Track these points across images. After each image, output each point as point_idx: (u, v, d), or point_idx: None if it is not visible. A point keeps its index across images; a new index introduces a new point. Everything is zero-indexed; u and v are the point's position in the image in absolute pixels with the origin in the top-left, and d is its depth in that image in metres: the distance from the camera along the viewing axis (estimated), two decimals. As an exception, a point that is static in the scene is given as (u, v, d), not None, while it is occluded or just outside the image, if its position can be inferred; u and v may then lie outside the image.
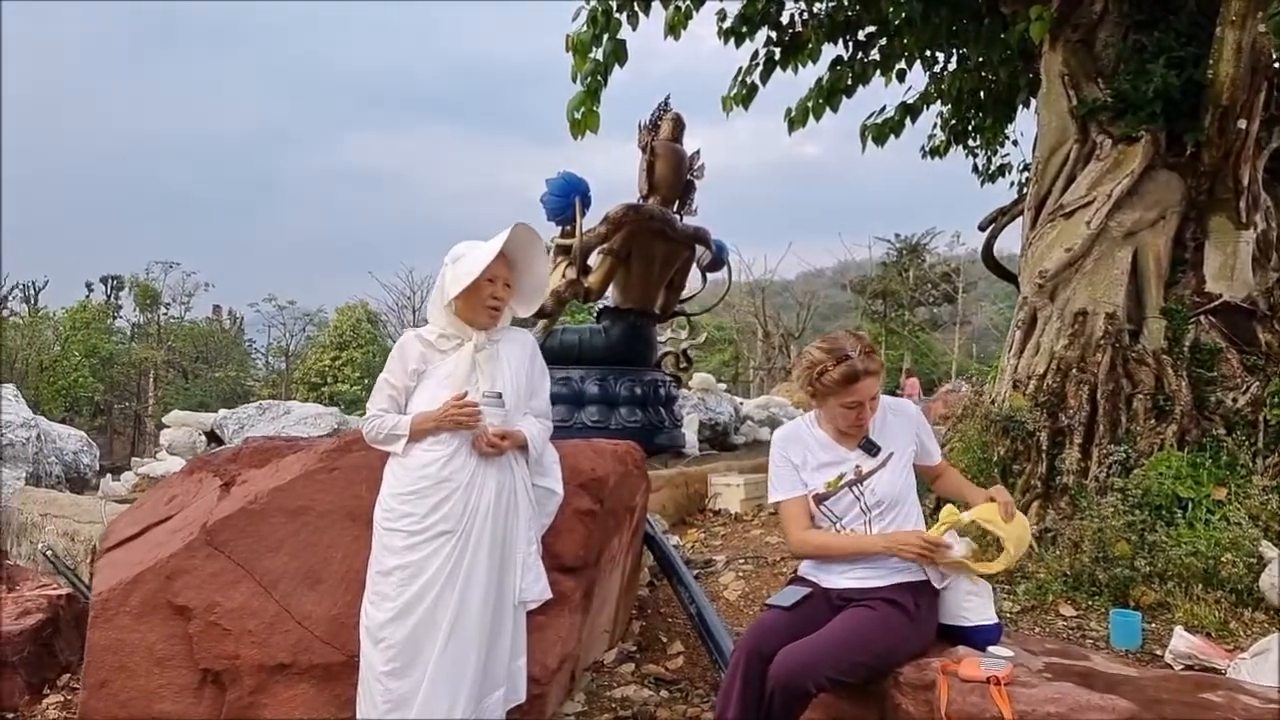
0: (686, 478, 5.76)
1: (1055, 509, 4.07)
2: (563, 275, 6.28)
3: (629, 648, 3.52)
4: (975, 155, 7.70)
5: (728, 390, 11.65)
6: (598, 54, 5.28)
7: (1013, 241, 5.76)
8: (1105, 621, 3.24)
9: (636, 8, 5.37)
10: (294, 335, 34.53)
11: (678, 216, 6.94)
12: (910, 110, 6.64)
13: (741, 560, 4.40)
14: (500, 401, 2.39)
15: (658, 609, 3.88)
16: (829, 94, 6.27)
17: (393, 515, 2.35)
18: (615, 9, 5.28)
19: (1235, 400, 4.19)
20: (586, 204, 6.27)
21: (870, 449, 2.52)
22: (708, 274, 7.75)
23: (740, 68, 6.25)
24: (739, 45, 6.09)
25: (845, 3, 6.05)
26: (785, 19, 6.13)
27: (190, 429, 7.22)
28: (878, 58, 6.35)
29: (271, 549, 2.62)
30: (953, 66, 6.71)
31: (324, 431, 6.96)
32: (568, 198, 6.20)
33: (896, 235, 30.90)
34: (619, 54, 5.32)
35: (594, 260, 6.54)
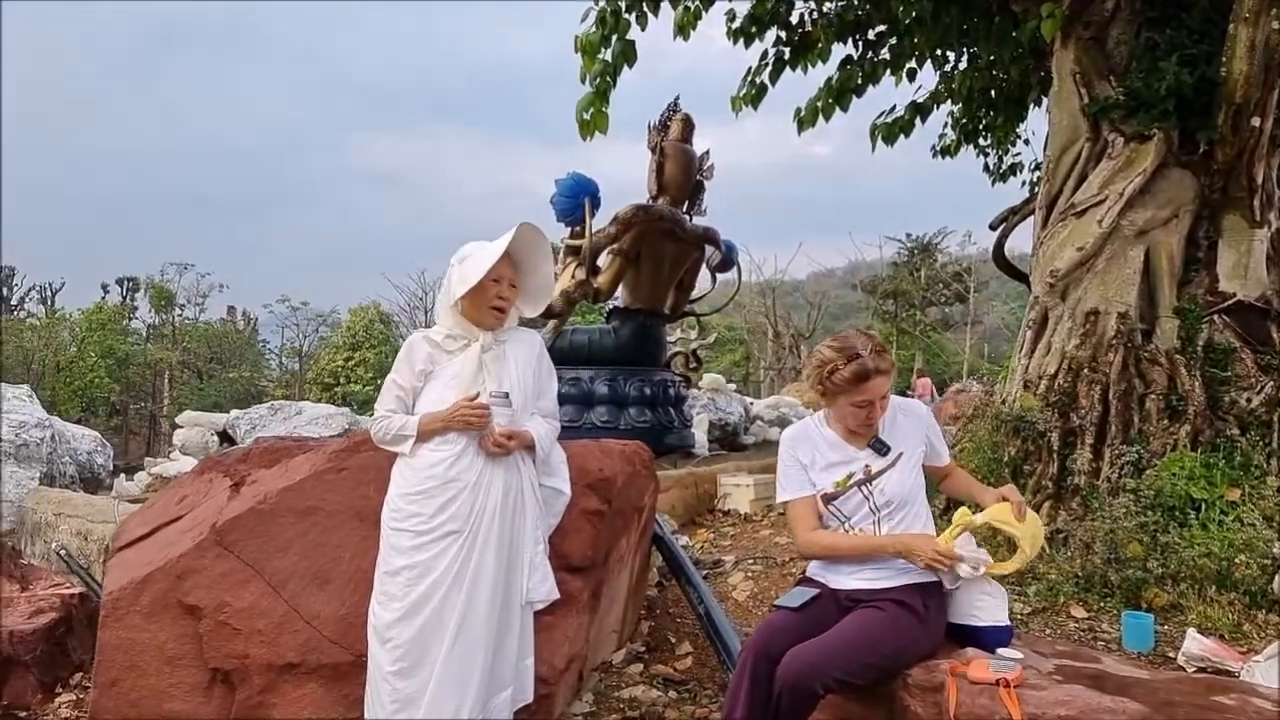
0: (696, 478, 5.76)
1: (1067, 510, 4.04)
2: (572, 276, 6.29)
3: (637, 648, 3.52)
4: (986, 155, 7.66)
5: (738, 390, 11.65)
6: (606, 55, 5.28)
7: (1024, 241, 5.73)
8: (1117, 623, 3.22)
9: (645, 8, 5.36)
10: (307, 336, 34.73)
11: (687, 217, 6.95)
12: (920, 109, 6.61)
13: (750, 560, 4.39)
14: (507, 401, 2.40)
15: (666, 609, 3.88)
16: (838, 94, 6.25)
17: (400, 515, 2.36)
18: (624, 10, 5.27)
19: (1249, 400, 4.15)
20: (596, 205, 6.27)
21: (880, 448, 2.51)
22: (717, 274, 7.75)
23: (750, 68, 6.25)
24: (748, 45, 6.07)
25: (855, 2, 6.03)
26: (795, 19, 6.11)
27: (203, 429, 7.28)
28: (888, 57, 6.32)
29: (281, 549, 2.63)
30: (963, 65, 6.67)
31: (335, 432, 6.99)
32: (577, 198, 6.21)
33: (908, 235, 30.79)
34: (628, 55, 5.31)
35: (603, 261, 6.55)
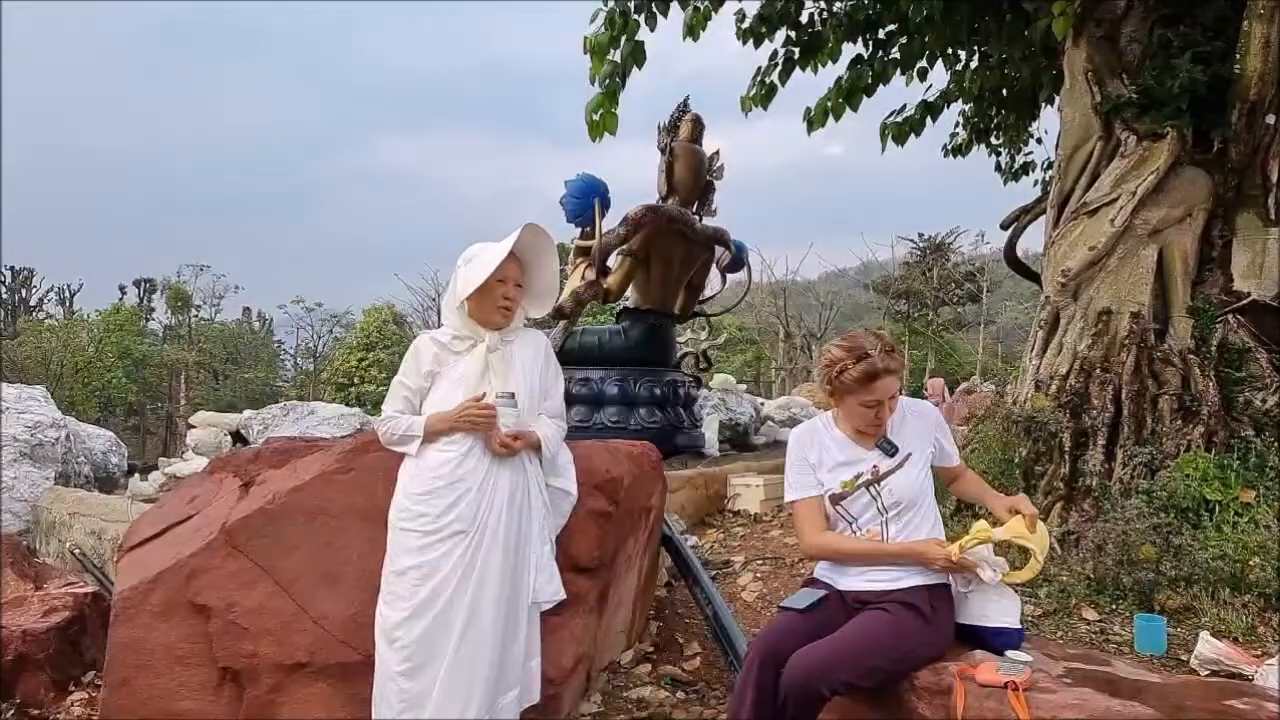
0: (706, 478, 5.75)
1: (1078, 511, 4.01)
2: (582, 276, 6.30)
3: (646, 648, 3.52)
4: (998, 154, 7.61)
5: (749, 391, 11.63)
6: (615, 56, 5.28)
7: (1036, 241, 5.68)
8: (1129, 626, 3.19)
9: (655, 9, 5.36)
10: (321, 336, 34.93)
11: (697, 217, 6.93)
12: (931, 109, 6.57)
13: (760, 561, 4.38)
14: (513, 402, 2.40)
15: (675, 610, 3.88)
16: (849, 93, 6.21)
17: (407, 515, 2.37)
18: (633, 10, 5.27)
19: (1264, 401, 4.10)
20: (606, 205, 6.27)
21: (888, 449, 2.50)
22: (727, 275, 7.73)
23: (759, 68, 6.23)
24: (758, 46, 6.05)
25: (865, 1, 6.00)
26: (804, 18, 6.08)
27: (216, 429, 7.32)
28: (898, 56, 6.28)
29: (289, 549, 2.65)
30: (974, 64, 6.63)
31: (348, 432, 7.02)
32: (587, 199, 6.21)
33: (920, 235, 30.61)
34: (637, 56, 5.31)
35: (613, 261, 6.54)
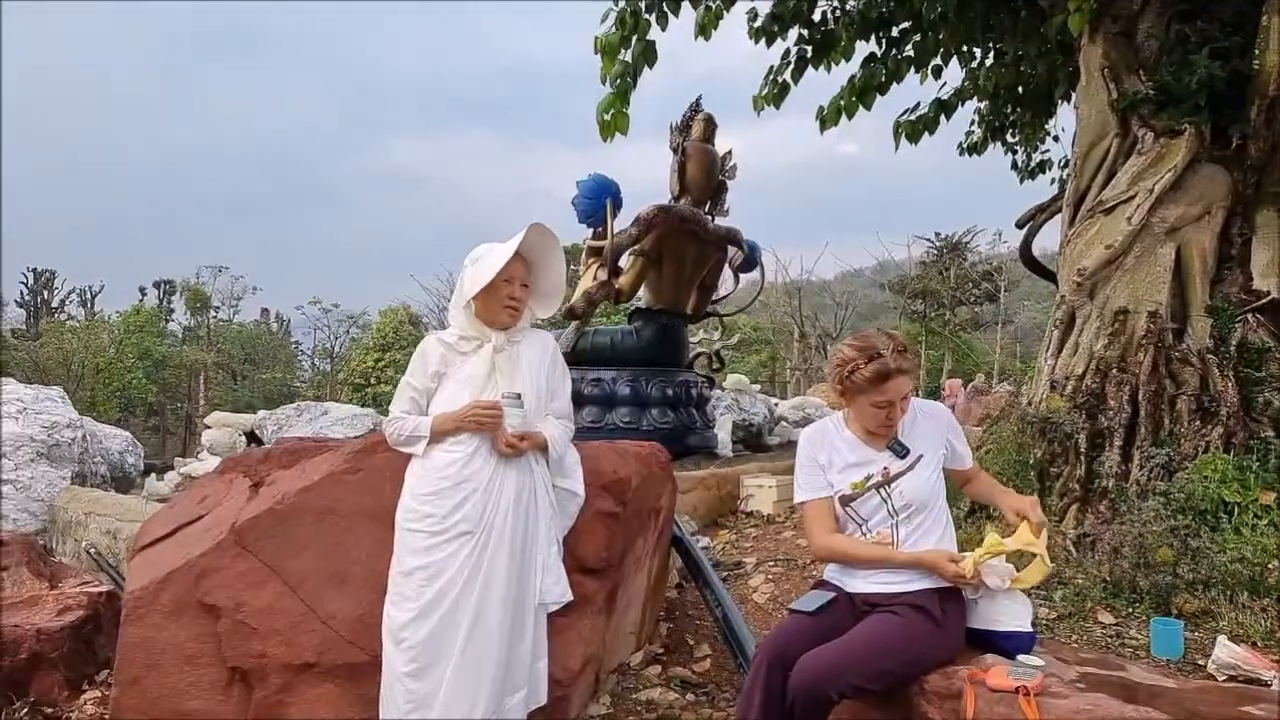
0: (719, 479, 5.73)
1: (1094, 513, 3.96)
2: (594, 277, 6.29)
3: (656, 650, 3.51)
4: (1014, 152, 7.53)
5: (764, 391, 11.59)
6: (626, 55, 5.26)
7: (1054, 239, 5.61)
8: (1145, 630, 3.15)
9: (666, 8, 5.34)
10: (338, 337, 35.17)
11: (709, 217, 6.92)
12: (944, 107, 6.51)
13: (772, 563, 4.36)
14: (519, 402, 2.40)
15: (686, 611, 3.86)
16: (861, 92, 6.17)
17: (414, 516, 2.37)
18: (644, 10, 5.26)
19: (1285, 401, 4.04)
20: (617, 206, 6.26)
21: (899, 450, 2.48)
22: (740, 274, 7.71)
23: (771, 66, 6.20)
24: (770, 44, 6.02)
25: (878, -1, 5.96)
26: (817, 17, 6.05)
27: (230, 430, 7.38)
28: (912, 54, 6.23)
29: (298, 549, 2.65)
30: (989, 61, 6.57)
31: (361, 432, 7.05)
32: (598, 200, 6.21)
33: (937, 234, 30.42)
34: (648, 55, 5.29)
35: (625, 262, 6.54)
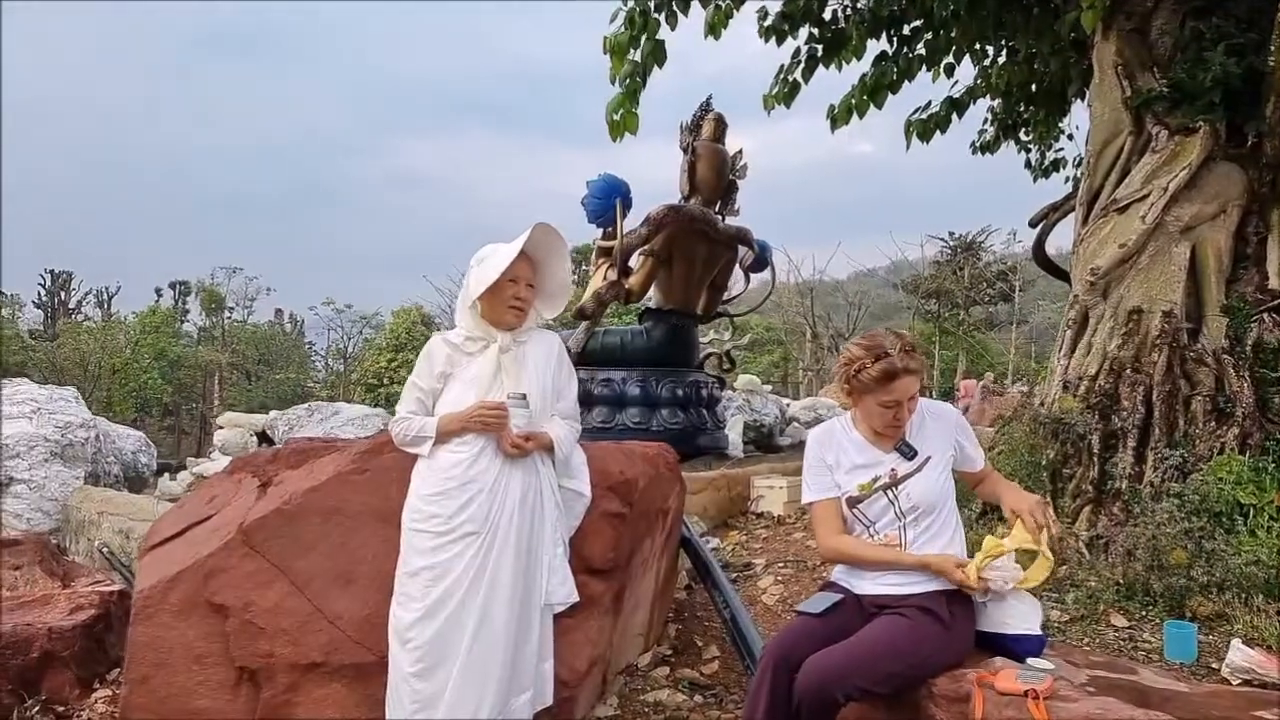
0: (729, 480, 5.71)
1: (1107, 515, 3.92)
2: (604, 277, 6.29)
3: (664, 651, 3.50)
4: (1028, 150, 7.49)
5: (776, 392, 11.56)
6: (635, 55, 5.26)
7: (1068, 239, 5.57)
8: (1159, 633, 3.11)
9: (675, 8, 5.33)
10: (351, 338, 35.34)
11: (720, 217, 6.90)
12: (956, 105, 6.47)
13: (781, 564, 4.34)
14: (525, 403, 2.39)
15: (694, 612, 3.85)
16: (873, 91, 6.14)
17: (420, 516, 2.37)
18: (653, 9, 5.25)
19: (1302, 402, 3.99)
20: (627, 206, 6.27)
21: (907, 452, 2.46)
22: (751, 274, 7.69)
23: (782, 65, 6.18)
24: (780, 43, 5.99)
25: (889, -3, 5.93)
26: (827, 15, 6.02)
27: (242, 430, 7.42)
28: (923, 52, 6.20)
29: (305, 549, 2.66)
30: (1001, 59, 6.53)
31: (371, 432, 7.07)
32: (608, 200, 6.21)
33: (950, 233, 30.29)
34: (657, 55, 5.29)
35: (635, 262, 6.53)
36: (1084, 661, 2.37)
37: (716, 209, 6.92)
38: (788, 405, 9.93)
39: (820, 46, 6.06)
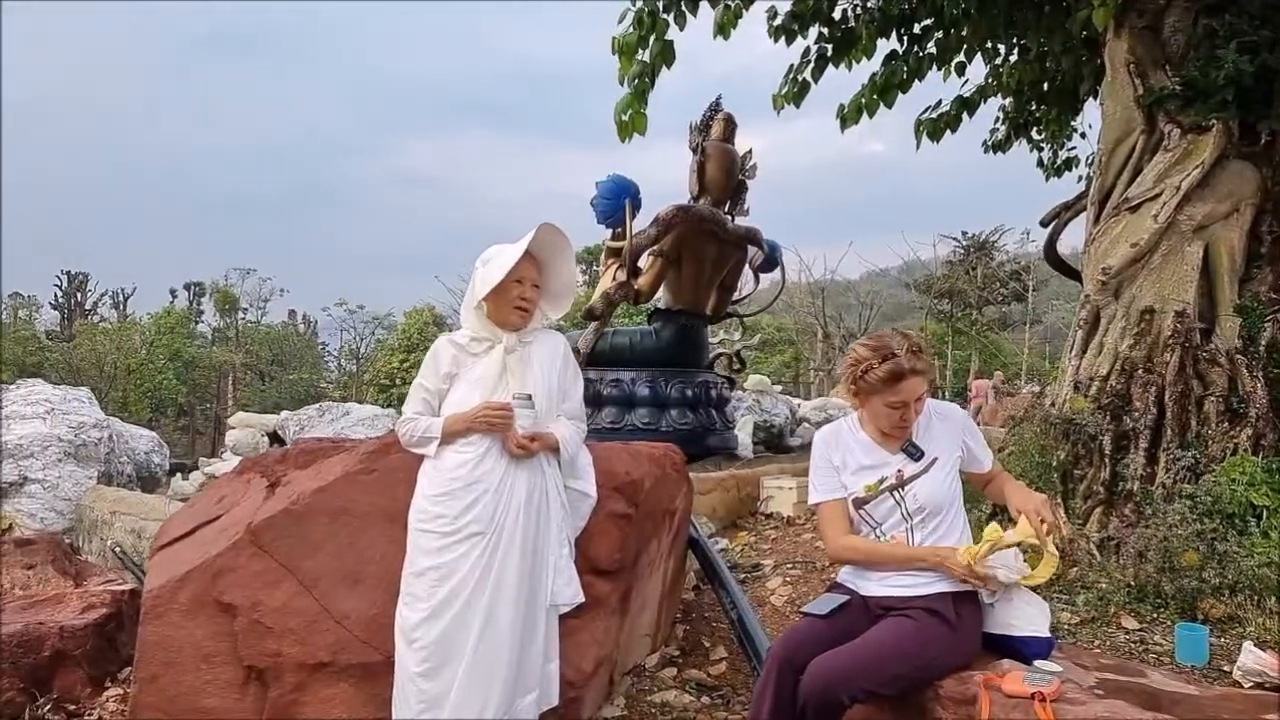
0: (738, 480, 5.70)
1: (1119, 516, 3.89)
2: (613, 277, 6.30)
3: (671, 652, 3.49)
4: (1040, 149, 7.44)
5: (787, 392, 11.54)
6: (644, 56, 5.26)
7: (1080, 238, 5.53)
8: (1170, 635, 3.09)
9: (684, 8, 5.33)
10: (364, 338, 35.53)
11: (729, 217, 6.90)
12: (967, 104, 6.44)
13: (790, 565, 4.33)
14: (530, 403, 2.39)
15: (702, 613, 3.85)
16: (883, 90, 6.12)
17: (426, 516, 2.37)
18: (662, 10, 5.25)
19: (1316, 403, 3.96)
20: (636, 206, 6.27)
21: (913, 453, 2.45)
22: (760, 274, 7.68)
23: (791, 65, 6.16)
24: (789, 43, 5.98)
25: (899, -4, 5.91)
26: (837, 15, 6.01)
27: (253, 430, 7.47)
28: (934, 51, 6.18)
29: (313, 549, 2.67)
30: (1013, 58, 6.49)
31: (381, 433, 7.10)
32: (618, 200, 6.22)
33: (964, 233, 30.16)
34: (666, 55, 5.28)
35: (644, 262, 6.54)
36: (1093, 664, 2.35)
37: (726, 209, 6.91)
38: (798, 406, 9.92)
39: (830, 46, 6.04)
